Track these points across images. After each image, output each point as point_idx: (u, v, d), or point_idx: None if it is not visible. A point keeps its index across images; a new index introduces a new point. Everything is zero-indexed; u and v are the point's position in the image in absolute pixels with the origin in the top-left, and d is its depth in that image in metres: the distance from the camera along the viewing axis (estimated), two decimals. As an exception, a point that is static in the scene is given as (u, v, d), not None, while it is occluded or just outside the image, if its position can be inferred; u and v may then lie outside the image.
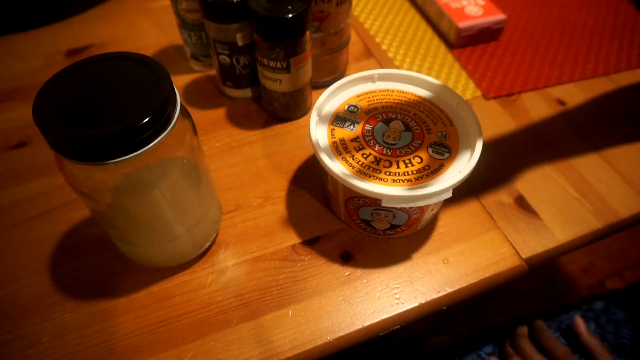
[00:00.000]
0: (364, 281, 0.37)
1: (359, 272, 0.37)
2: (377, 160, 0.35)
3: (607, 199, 0.41)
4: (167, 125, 0.27)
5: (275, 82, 0.44)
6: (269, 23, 0.39)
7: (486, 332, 0.61)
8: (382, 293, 0.36)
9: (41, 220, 0.40)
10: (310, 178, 0.43)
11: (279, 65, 0.42)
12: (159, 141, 0.26)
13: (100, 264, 0.37)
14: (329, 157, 0.35)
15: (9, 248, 0.39)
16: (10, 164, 0.45)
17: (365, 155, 0.35)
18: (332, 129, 0.37)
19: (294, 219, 0.40)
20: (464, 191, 0.42)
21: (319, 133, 0.37)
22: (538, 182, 0.43)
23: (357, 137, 0.37)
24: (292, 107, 0.47)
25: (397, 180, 0.34)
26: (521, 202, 0.41)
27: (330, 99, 0.40)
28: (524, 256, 0.38)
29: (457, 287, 0.36)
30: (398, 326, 0.35)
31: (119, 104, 0.26)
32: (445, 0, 0.58)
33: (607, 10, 0.62)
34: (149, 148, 0.26)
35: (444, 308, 0.36)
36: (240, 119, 0.49)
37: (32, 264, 0.38)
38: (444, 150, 0.36)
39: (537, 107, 0.49)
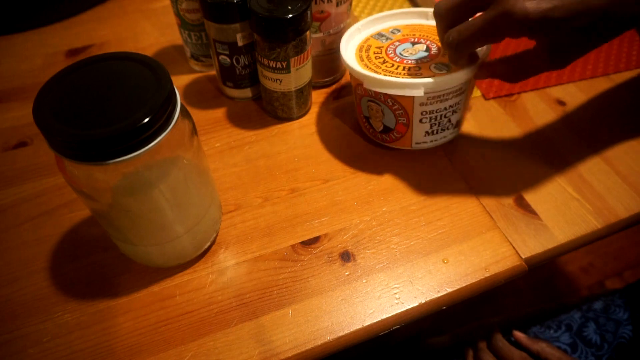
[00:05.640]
0: (364, 281, 0.37)
1: (359, 272, 0.37)
2: (384, 62, 0.41)
3: (606, 199, 0.41)
4: (167, 125, 0.27)
5: (275, 82, 0.44)
6: (269, 23, 0.39)
7: (485, 332, 0.61)
8: (382, 293, 0.36)
9: (41, 220, 0.40)
10: (310, 178, 0.43)
11: (279, 65, 0.42)
12: (159, 141, 0.26)
13: (101, 264, 0.37)
14: (351, 55, 0.43)
15: (9, 248, 0.39)
16: (11, 164, 0.45)
17: (378, 59, 0.42)
18: (368, 39, 0.45)
19: (294, 219, 0.40)
20: (464, 191, 0.42)
21: (356, 38, 0.45)
22: (538, 182, 0.43)
23: (381, 47, 0.43)
24: (292, 107, 0.47)
25: (388, 74, 0.39)
26: (521, 202, 0.41)
27: (380, 22, 0.46)
28: (523, 256, 0.38)
29: (457, 287, 0.36)
30: (398, 326, 0.35)
31: (119, 104, 0.26)
32: (445, 1, 0.58)
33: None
34: (149, 148, 0.26)
35: (444, 308, 0.36)
36: (240, 119, 0.49)
37: (32, 263, 0.38)
38: (444, 67, 0.39)
39: (537, 107, 0.49)
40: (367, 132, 0.46)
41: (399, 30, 0.45)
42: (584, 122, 0.48)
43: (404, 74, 0.39)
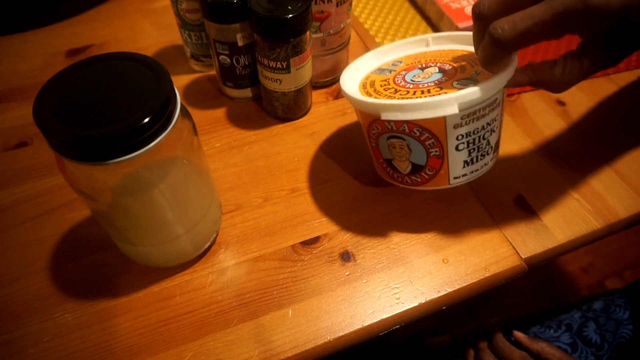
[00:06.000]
0: (364, 281, 0.37)
1: (359, 272, 0.37)
2: (396, 91, 0.34)
3: (606, 199, 0.41)
4: (167, 125, 0.27)
5: (275, 82, 0.44)
6: (269, 23, 0.39)
7: (486, 332, 0.61)
8: (382, 293, 0.36)
9: (41, 220, 0.40)
10: (310, 178, 0.43)
11: (279, 65, 0.42)
12: (159, 141, 0.26)
13: (101, 264, 0.38)
14: (355, 93, 0.36)
15: (9, 248, 0.39)
16: (11, 164, 0.45)
17: (388, 90, 0.35)
18: (369, 76, 0.39)
19: (294, 219, 0.40)
20: (464, 191, 0.42)
21: (354, 76, 0.40)
22: (538, 182, 0.43)
23: (387, 79, 0.37)
24: (292, 107, 0.47)
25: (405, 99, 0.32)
26: (521, 202, 0.41)
27: (378, 57, 0.42)
28: (523, 256, 0.38)
29: (456, 287, 0.36)
30: (398, 326, 0.35)
31: (119, 104, 0.26)
32: (445, 1, 0.58)
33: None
34: (149, 148, 0.26)
35: (444, 308, 0.36)
36: (240, 119, 0.49)
37: (32, 263, 0.38)
38: (470, 82, 0.33)
39: (536, 107, 0.49)
40: (388, 178, 0.39)
41: (400, 62, 0.40)
42: (585, 122, 0.48)
43: (427, 96, 0.32)
